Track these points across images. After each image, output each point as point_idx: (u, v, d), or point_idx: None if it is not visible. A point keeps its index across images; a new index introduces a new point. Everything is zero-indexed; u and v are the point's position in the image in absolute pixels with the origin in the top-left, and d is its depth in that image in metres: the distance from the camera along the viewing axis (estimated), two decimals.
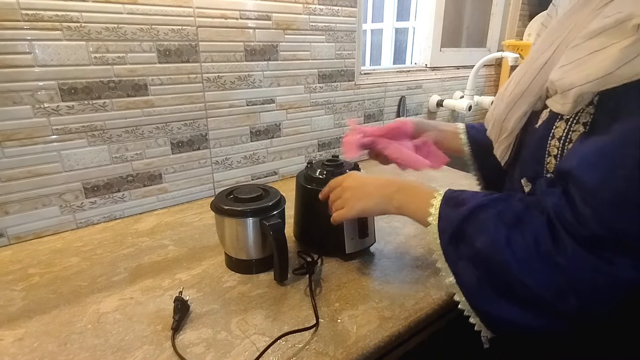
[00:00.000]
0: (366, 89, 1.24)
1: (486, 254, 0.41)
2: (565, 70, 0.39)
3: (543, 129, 0.45)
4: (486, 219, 0.43)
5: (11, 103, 0.71)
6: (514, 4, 1.62)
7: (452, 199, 0.49)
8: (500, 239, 0.40)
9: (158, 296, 0.62)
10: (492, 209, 0.43)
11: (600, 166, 0.35)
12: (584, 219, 0.35)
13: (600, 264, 0.35)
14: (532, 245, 0.38)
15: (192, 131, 0.94)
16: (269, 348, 0.50)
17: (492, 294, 0.42)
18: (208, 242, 0.79)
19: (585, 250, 0.35)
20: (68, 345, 0.52)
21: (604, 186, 0.34)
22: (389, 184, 0.57)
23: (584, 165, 0.36)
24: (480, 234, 0.42)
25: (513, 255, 0.39)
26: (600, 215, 0.34)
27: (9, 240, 0.77)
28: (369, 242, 0.73)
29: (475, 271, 0.42)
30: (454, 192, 0.50)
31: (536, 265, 0.38)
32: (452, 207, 0.47)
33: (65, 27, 0.73)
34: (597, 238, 0.35)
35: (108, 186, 0.86)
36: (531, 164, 0.47)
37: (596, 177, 0.35)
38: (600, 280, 0.35)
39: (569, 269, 0.36)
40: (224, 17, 0.90)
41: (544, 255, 0.37)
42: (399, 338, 0.56)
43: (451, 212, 0.47)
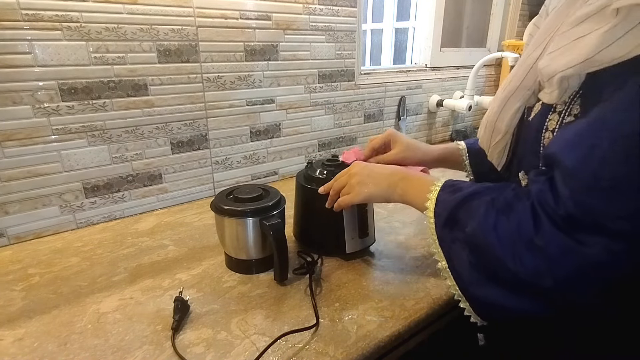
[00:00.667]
0: (366, 89, 1.24)
1: (475, 238, 0.42)
2: (551, 57, 0.40)
3: (537, 122, 0.45)
4: (479, 204, 0.44)
5: (11, 103, 0.71)
6: (514, 4, 1.62)
7: (450, 186, 0.50)
8: (488, 224, 0.41)
9: (158, 296, 0.62)
10: (485, 196, 0.45)
11: (578, 147, 0.36)
12: (561, 200, 0.36)
13: (574, 244, 0.35)
14: (515, 229, 0.39)
15: (192, 131, 0.94)
16: (269, 348, 0.50)
17: (480, 278, 0.43)
18: (208, 242, 0.79)
19: (561, 232, 0.36)
20: (68, 345, 0.52)
21: (580, 166, 0.35)
22: (395, 172, 0.59)
23: (564, 147, 0.37)
24: (471, 218, 0.44)
25: (498, 239, 0.40)
26: (576, 195, 0.35)
27: (9, 240, 0.77)
28: (369, 241, 0.73)
29: (468, 255, 0.44)
30: (453, 181, 0.52)
31: (518, 248, 0.39)
32: (449, 193, 0.49)
33: (65, 27, 0.73)
34: (572, 218, 0.35)
35: (108, 186, 0.86)
36: (528, 157, 0.48)
37: (574, 157, 0.35)
38: (574, 260, 0.35)
39: (545, 249, 0.37)
40: (224, 17, 0.90)
41: (525, 238, 0.38)
42: (399, 338, 0.56)
43: (447, 197, 0.48)
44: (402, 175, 0.59)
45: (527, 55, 0.47)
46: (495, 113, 0.52)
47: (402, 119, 1.37)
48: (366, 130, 1.30)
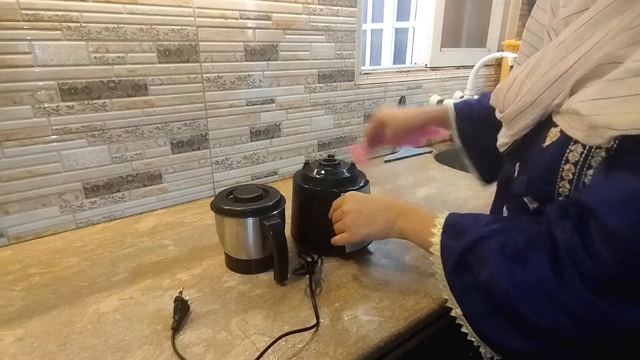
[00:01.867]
0: (366, 89, 1.24)
1: (490, 287, 0.41)
2: (600, 106, 0.36)
3: (554, 151, 0.42)
4: (488, 251, 0.42)
5: (11, 103, 0.71)
6: (514, 4, 1.62)
7: (453, 227, 0.48)
8: (502, 274, 0.40)
9: (158, 296, 0.62)
10: (493, 241, 0.42)
11: (627, 210, 0.33)
12: (600, 259, 0.34)
13: (607, 307, 0.34)
14: (533, 281, 0.37)
15: (192, 131, 0.94)
16: (269, 348, 0.50)
17: (498, 325, 0.41)
18: (208, 242, 0.79)
19: (592, 292, 0.34)
20: (68, 345, 0.52)
21: (628, 232, 0.32)
22: (390, 208, 0.57)
23: (608, 206, 0.34)
24: (483, 266, 0.41)
25: (515, 290, 0.38)
26: (619, 259, 0.33)
27: (9, 240, 0.77)
28: (368, 240, 0.74)
29: (484, 300, 0.42)
30: (453, 219, 0.49)
31: (540, 302, 0.37)
32: (453, 236, 0.46)
33: (65, 27, 0.73)
34: (609, 281, 0.34)
35: (108, 186, 0.86)
36: (539, 185, 0.44)
37: (621, 220, 0.33)
38: (607, 323, 0.34)
39: (573, 307, 0.35)
40: (224, 17, 0.90)
41: (548, 291, 0.36)
42: (399, 338, 0.56)
43: (452, 243, 0.46)
44: (399, 210, 0.56)
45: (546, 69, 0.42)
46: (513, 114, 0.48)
47: None
48: None
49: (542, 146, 0.44)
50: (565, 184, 0.41)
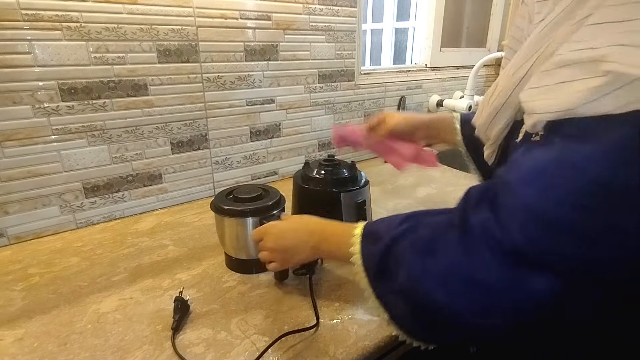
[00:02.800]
0: (366, 89, 1.24)
1: (408, 286, 0.41)
2: (532, 94, 0.39)
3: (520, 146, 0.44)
4: (403, 251, 0.42)
5: (11, 103, 0.71)
6: (514, 4, 1.62)
7: (371, 234, 0.48)
8: (416, 270, 0.40)
9: (158, 296, 0.62)
10: (404, 240, 0.43)
11: (535, 182, 0.34)
12: (509, 232, 0.34)
13: (516, 276, 0.35)
14: (447, 268, 0.38)
15: (192, 131, 0.94)
16: (269, 348, 0.50)
17: (425, 324, 0.42)
18: (208, 242, 0.79)
19: (501, 264, 0.35)
20: (68, 345, 0.52)
21: (534, 203, 0.34)
22: (312, 235, 0.56)
23: (521, 179, 0.36)
24: (400, 267, 0.42)
25: (432, 283, 0.38)
26: (526, 229, 0.34)
27: (9, 240, 0.77)
28: None
29: (405, 305, 0.42)
30: (371, 226, 0.49)
31: (456, 287, 0.37)
32: (372, 243, 0.47)
33: (65, 27, 0.73)
34: (517, 252, 0.34)
35: (108, 186, 0.86)
36: None
37: (530, 191, 0.34)
38: (518, 294, 0.35)
39: (488, 283, 0.36)
40: (224, 17, 0.90)
41: (462, 275, 0.37)
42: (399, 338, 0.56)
43: (371, 249, 0.46)
44: (319, 235, 0.55)
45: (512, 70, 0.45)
46: (486, 122, 0.50)
47: None
48: None
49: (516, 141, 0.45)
50: None
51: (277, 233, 0.58)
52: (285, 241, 0.57)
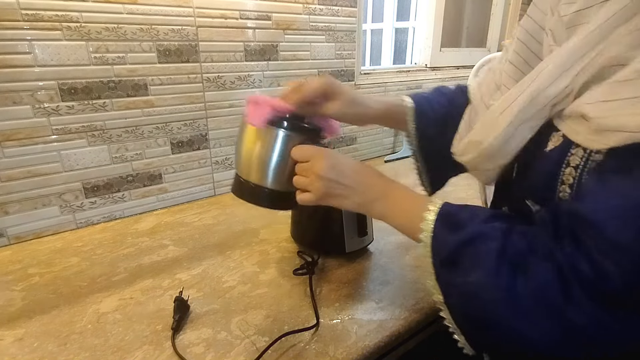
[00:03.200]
0: (366, 89, 1.24)
1: (478, 290, 0.38)
2: (609, 108, 0.34)
3: (557, 155, 0.40)
4: (486, 252, 0.38)
5: (11, 103, 0.71)
6: (514, 4, 1.62)
7: (449, 217, 0.43)
8: (499, 279, 0.36)
9: (158, 296, 0.62)
10: (492, 242, 0.39)
11: (631, 220, 0.31)
12: (605, 274, 0.32)
13: (613, 321, 0.33)
14: (537, 295, 0.35)
15: (192, 131, 0.94)
16: (269, 348, 0.50)
17: (477, 329, 0.40)
18: (208, 242, 0.79)
19: (599, 307, 0.32)
20: (68, 345, 0.52)
21: (632, 243, 0.31)
22: (371, 188, 0.49)
23: (608, 216, 0.32)
24: (476, 267, 0.39)
25: (510, 299, 0.36)
26: (625, 272, 0.31)
27: (9, 240, 0.77)
28: (368, 240, 0.74)
29: (464, 305, 0.40)
30: (450, 207, 0.45)
31: (539, 315, 0.34)
32: (449, 227, 0.43)
33: (65, 27, 0.73)
34: (615, 295, 0.32)
35: (108, 186, 0.86)
36: (541, 190, 0.42)
37: (624, 231, 0.31)
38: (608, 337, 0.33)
39: (580, 324, 0.33)
40: (224, 17, 0.90)
41: (552, 308, 0.34)
42: (399, 338, 0.56)
43: (447, 234, 0.42)
44: (380, 193, 0.49)
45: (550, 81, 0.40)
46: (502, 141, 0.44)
47: None
48: (366, 130, 1.30)
49: (545, 151, 0.42)
50: (565, 188, 0.39)
51: (335, 165, 0.49)
52: (339, 175, 0.49)
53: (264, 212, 0.91)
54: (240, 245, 0.77)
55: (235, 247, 0.76)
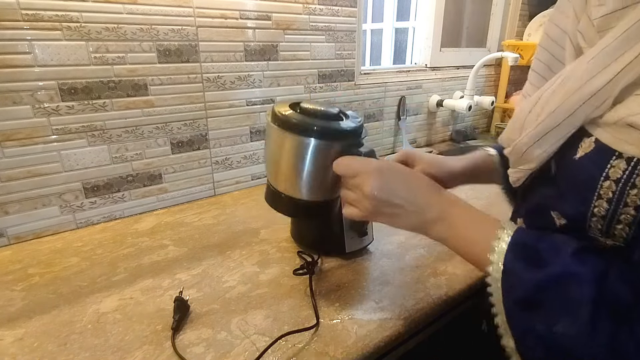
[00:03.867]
0: (366, 89, 1.24)
1: (571, 344, 0.32)
2: None
3: (590, 165, 0.36)
4: (579, 298, 0.32)
5: (11, 103, 0.71)
6: (514, 4, 1.62)
7: (525, 249, 0.37)
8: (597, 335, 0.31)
9: (158, 296, 0.62)
10: (586, 286, 0.32)
11: None
12: None
13: None
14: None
15: (192, 131, 0.94)
16: (269, 348, 0.50)
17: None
18: (208, 242, 0.79)
19: None
20: (68, 345, 0.52)
21: None
22: (428, 208, 0.44)
23: None
24: (565, 315, 0.33)
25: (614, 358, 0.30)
26: None
27: (9, 240, 0.77)
28: (368, 240, 0.74)
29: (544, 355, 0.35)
30: (527, 237, 0.38)
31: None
32: (525, 262, 0.36)
33: (65, 27, 0.73)
34: None
35: (108, 186, 0.86)
36: (571, 202, 0.38)
37: None
38: None
39: None
40: (224, 17, 0.90)
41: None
42: (399, 338, 0.56)
43: (524, 270, 0.36)
44: (441, 211, 0.44)
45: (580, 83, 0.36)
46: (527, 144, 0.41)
47: (402, 119, 1.37)
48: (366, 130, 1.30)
49: (574, 158, 0.38)
50: (602, 203, 0.35)
51: (388, 182, 0.45)
52: (390, 195, 0.44)
53: (264, 212, 0.92)
54: (240, 245, 0.77)
55: (235, 247, 0.76)
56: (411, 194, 0.45)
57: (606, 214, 0.35)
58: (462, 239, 0.42)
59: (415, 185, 0.46)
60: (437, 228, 0.44)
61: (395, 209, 0.45)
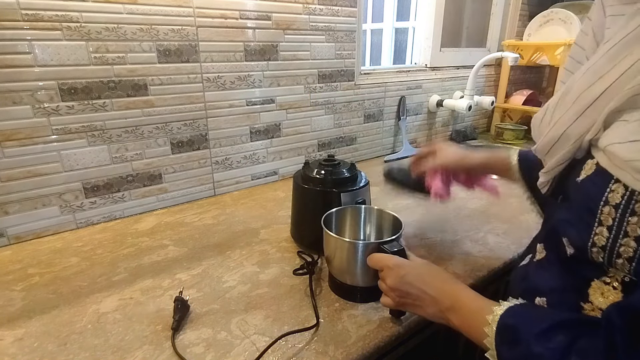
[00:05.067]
0: (366, 89, 1.24)
1: None
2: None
3: (590, 188, 0.36)
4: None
5: (11, 103, 0.71)
6: (514, 4, 1.62)
7: (507, 331, 0.39)
8: None
9: (158, 296, 0.62)
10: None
11: None
12: None
13: None
14: None
15: (192, 131, 0.94)
16: (269, 348, 0.50)
17: None
18: (208, 242, 0.79)
19: None
20: (68, 345, 0.52)
21: None
22: (440, 298, 0.48)
23: None
24: None
25: None
26: None
27: (9, 240, 0.77)
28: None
29: None
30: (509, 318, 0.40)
31: None
32: (507, 343, 0.39)
33: (65, 27, 0.73)
34: None
35: (108, 186, 0.86)
36: (575, 226, 0.38)
37: None
38: None
39: None
40: (224, 17, 0.90)
41: None
42: (399, 338, 0.56)
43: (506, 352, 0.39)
44: (449, 302, 0.47)
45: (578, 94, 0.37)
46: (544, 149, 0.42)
47: (402, 119, 1.37)
48: (366, 130, 1.30)
49: (577, 181, 0.38)
50: (603, 230, 0.35)
51: (401, 274, 0.51)
52: (408, 287, 0.51)
53: (264, 212, 0.92)
54: (240, 245, 0.77)
55: (235, 247, 0.76)
56: (424, 287, 0.50)
57: (606, 244, 0.34)
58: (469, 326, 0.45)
59: (427, 279, 0.51)
60: (452, 316, 0.47)
61: (414, 300, 0.51)
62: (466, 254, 0.73)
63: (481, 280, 0.67)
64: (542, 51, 1.54)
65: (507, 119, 1.75)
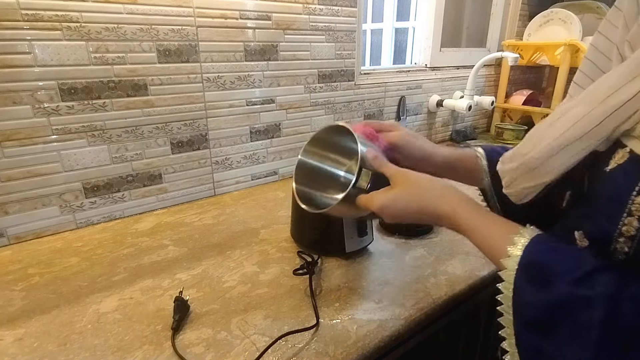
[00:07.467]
0: (366, 89, 1.24)
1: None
2: None
3: (622, 177, 0.34)
4: (588, 324, 0.31)
5: (11, 103, 0.71)
6: (514, 4, 1.62)
7: (534, 268, 0.36)
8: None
9: (158, 296, 0.62)
10: (596, 311, 0.31)
11: None
12: None
13: None
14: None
15: (192, 131, 0.94)
16: (269, 348, 0.50)
17: None
18: (208, 242, 0.79)
19: None
20: (68, 345, 0.52)
21: None
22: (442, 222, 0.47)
23: None
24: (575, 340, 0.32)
25: None
26: None
27: (8, 240, 0.77)
28: (368, 240, 0.74)
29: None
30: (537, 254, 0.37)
31: None
32: (534, 282, 0.35)
33: (65, 27, 0.73)
34: None
35: (108, 186, 0.86)
36: (599, 220, 0.36)
37: None
38: None
39: None
40: (224, 17, 0.90)
41: None
42: (399, 338, 0.56)
43: (532, 293, 0.35)
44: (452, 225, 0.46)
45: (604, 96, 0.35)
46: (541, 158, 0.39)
47: (402, 119, 1.37)
48: None
49: (605, 170, 0.36)
50: (632, 222, 0.33)
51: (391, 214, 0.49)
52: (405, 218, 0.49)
53: (264, 212, 0.92)
54: (240, 245, 0.77)
55: (235, 247, 0.76)
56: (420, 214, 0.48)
57: (636, 234, 0.32)
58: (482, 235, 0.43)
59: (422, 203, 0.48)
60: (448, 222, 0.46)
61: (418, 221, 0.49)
62: (466, 254, 0.73)
63: (481, 280, 0.67)
64: (542, 51, 1.54)
65: (507, 119, 1.75)
